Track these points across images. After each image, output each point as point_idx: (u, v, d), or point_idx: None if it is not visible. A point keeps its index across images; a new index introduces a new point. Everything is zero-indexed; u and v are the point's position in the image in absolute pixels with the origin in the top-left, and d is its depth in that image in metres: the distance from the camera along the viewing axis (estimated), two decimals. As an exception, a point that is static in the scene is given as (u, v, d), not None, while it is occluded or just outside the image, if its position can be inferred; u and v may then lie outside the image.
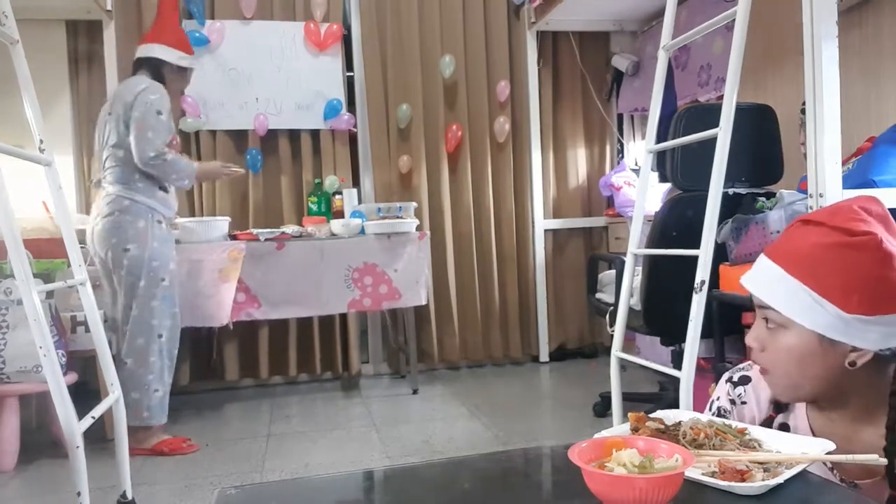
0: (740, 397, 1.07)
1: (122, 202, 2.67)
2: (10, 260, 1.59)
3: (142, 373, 2.69)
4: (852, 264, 0.87)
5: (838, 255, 0.88)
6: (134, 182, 2.69)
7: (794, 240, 0.94)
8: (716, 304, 2.19)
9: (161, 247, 2.71)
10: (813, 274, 0.89)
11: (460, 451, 2.66)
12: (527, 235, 4.19)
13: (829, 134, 1.80)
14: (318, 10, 3.82)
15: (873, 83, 2.59)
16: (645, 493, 0.68)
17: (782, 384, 0.96)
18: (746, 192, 2.41)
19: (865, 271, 0.87)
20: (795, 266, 0.91)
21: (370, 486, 0.93)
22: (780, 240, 0.97)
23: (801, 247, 0.92)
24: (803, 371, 0.92)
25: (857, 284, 0.87)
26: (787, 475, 0.77)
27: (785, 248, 0.94)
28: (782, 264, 0.92)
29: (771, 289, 0.93)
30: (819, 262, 0.89)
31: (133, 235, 2.66)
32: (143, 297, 2.69)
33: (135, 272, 2.67)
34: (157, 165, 2.64)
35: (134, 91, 2.66)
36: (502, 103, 4.09)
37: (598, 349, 4.32)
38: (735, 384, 1.08)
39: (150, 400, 2.69)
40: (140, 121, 2.62)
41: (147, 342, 2.70)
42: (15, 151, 1.74)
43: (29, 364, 2.52)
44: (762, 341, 0.96)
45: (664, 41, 2.07)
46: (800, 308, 0.90)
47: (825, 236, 0.90)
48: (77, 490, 1.66)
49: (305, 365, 3.84)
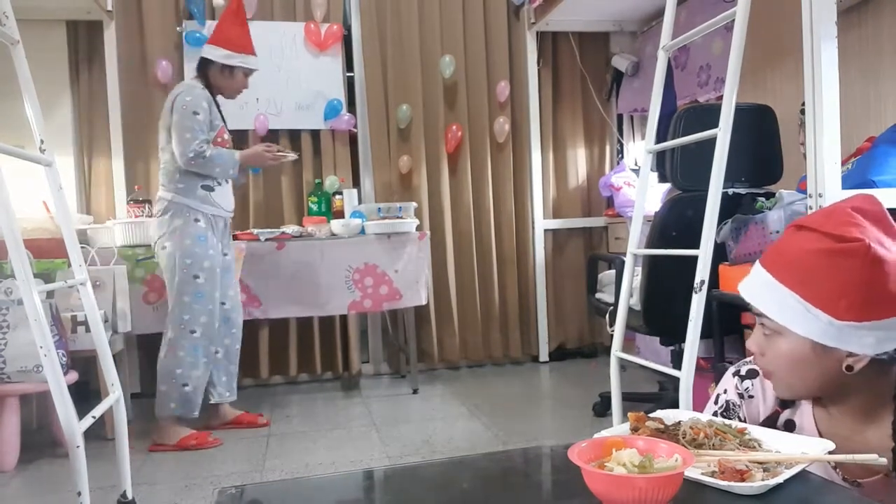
0: (748, 391, 1.07)
1: (163, 203, 2.81)
2: (11, 260, 1.59)
3: (171, 366, 2.76)
4: (841, 271, 0.87)
5: (827, 262, 0.88)
6: (174, 182, 2.79)
7: (785, 247, 0.94)
8: (715, 304, 2.19)
9: (195, 245, 2.76)
10: (802, 281, 0.89)
11: (460, 450, 2.66)
12: (527, 235, 4.19)
13: (829, 134, 1.80)
14: (318, 10, 3.82)
15: (873, 83, 2.59)
16: (645, 492, 0.68)
17: (783, 385, 0.98)
18: (746, 192, 2.41)
19: (855, 278, 0.86)
20: (786, 274, 0.91)
21: (370, 486, 0.93)
22: (774, 247, 0.98)
23: (792, 254, 0.92)
24: (800, 375, 0.94)
25: (846, 291, 0.87)
26: (786, 475, 0.77)
27: (776, 255, 0.95)
28: (773, 272, 0.93)
29: (763, 296, 0.94)
30: (808, 269, 0.89)
31: (169, 233, 2.77)
32: (177, 292, 2.77)
33: (169, 268, 2.78)
34: (199, 164, 2.73)
35: (172, 96, 2.79)
36: (502, 103, 4.09)
37: (597, 349, 4.32)
38: (743, 377, 1.08)
39: (178, 393, 2.75)
40: (178, 124, 2.72)
41: (177, 337, 2.77)
42: (15, 151, 1.74)
43: (29, 364, 2.52)
44: (761, 346, 0.97)
45: (664, 41, 2.08)
46: (791, 315, 0.90)
47: (815, 242, 0.89)
48: (77, 490, 1.66)
49: (306, 365, 3.84)
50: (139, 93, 3.68)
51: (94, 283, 2.85)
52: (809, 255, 0.90)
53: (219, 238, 2.89)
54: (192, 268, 2.76)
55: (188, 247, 2.76)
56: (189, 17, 3.69)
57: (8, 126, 3.17)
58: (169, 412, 2.76)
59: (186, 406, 2.77)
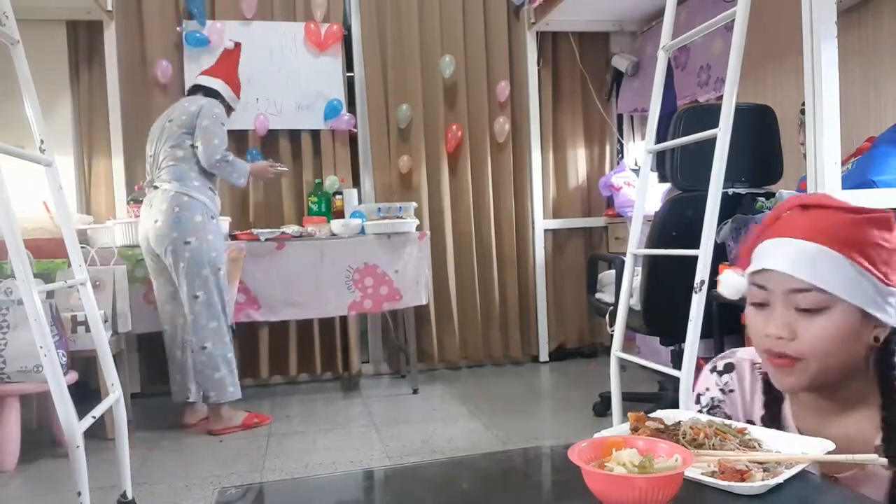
0: (727, 385, 1.07)
1: (181, 198, 2.89)
2: (11, 260, 1.59)
3: (223, 351, 2.93)
4: (882, 238, 0.90)
5: (866, 229, 0.90)
6: (190, 180, 2.93)
7: (815, 220, 0.93)
8: (715, 304, 2.19)
9: (215, 239, 2.96)
10: (854, 247, 0.90)
11: (460, 450, 2.66)
12: (527, 235, 4.19)
13: (829, 134, 1.80)
14: (318, 10, 3.82)
15: (872, 83, 2.59)
16: (645, 492, 0.68)
17: (814, 370, 0.91)
18: (746, 192, 2.41)
19: (893, 244, 0.90)
20: (835, 242, 0.90)
21: (370, 486, 0.93)
22: (794, 223, 0.94)
23: (827, 225, 0.91)
24: (845, 350, 0.90)
25: (888, 257, 0.90)
26: (786, 475, 0.77)
27: (811, 227, 0.92)
28: (821, 242, 0.90)
29: (813, 267, 0.90)
30: (855, 236, 0.90)
31: (192, 229, 2.88)
32: (209, 284, 2.91)
33: (198, 262, 2.89)
34: (223, 167, 2.96)
35: (198, 103, 2.99)
36: (502, 103, 4.09)
37: (597, 349, 4.32)
38: (721, 373, 1.08)
39: (232, 378, 2.95)
40: (208, 129, 2.93)
41: (220, 324, 2.94)
42: (15, 151, 1.74)
43: (29, 364, 2.52)
44: (792, 329, 0.91)
45: (664, 41, 2.08)
46: (844, 283, 0.89)
47: (841, 215, 0.91)
48: (77, 490, 1.66)
49: (306, 365, 3.84)
50: (139, 93, 3.68)
51: (94, 283, 2.86)
52: (847, 224, 0.90)
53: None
54: (217, 261, 2.93)
55: (212, 241, 2.92)
56: (189, 17, 3.69)
57: (8, 126, 3.17)
58: (229, 396, 2.94)
59: (238, 387, 2.98)
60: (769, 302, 0.94)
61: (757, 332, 0.96)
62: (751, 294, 0.97)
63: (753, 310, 0.97)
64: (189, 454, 2.73)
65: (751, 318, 0.97)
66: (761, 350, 0.95)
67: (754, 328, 0.96)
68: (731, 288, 1.01)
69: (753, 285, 0.97)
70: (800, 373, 0.92)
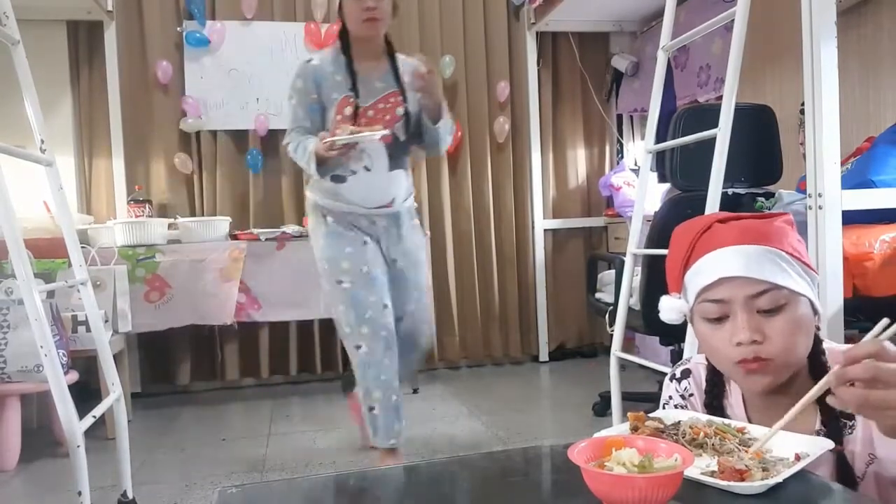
0: (686, 390, 1.10)
1: (306, 201, 2.47)
2: (12, 260, 1.60)
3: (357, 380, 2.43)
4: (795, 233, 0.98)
5: (783, 226, 0.97)
6: (309, 178, 2.42)
7: (742, 227, 0.97)
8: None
9: (328, 245, 2.32)
10: (784, 243, 0.95)
11: (460, 450, 2.66)
12: (526, 235, 4.19)
13: (828, 134, 1.80)
14: (318, 10, 3.82)
15: (872, 83, 2.59)
16: (644, 492, 0.68)
17: (783, 366, 0.93)
18: (745, 192, 2.41)
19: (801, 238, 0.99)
20: (771, 240, 0.95)
21: (370, 486, 0.93)
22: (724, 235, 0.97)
23: (766, 230, 0.96)
24: (806, 343, 0.95)
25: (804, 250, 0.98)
26: (786, 474, 0.77)
27: (743, 233, 0.96)
28: (760, 242, 0.94)
29: (763, 266, 0.93)
30: (780, 233, 0.96)
31: (311, 235, 2.44)
32: (329, 302, 2.42)
33: (320, 273, 2.39)
34: (291, 156, 2.34)
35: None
36: (502, 103, 4.10)
37: (597, 349, 4.32)
38: (679, 379, 1.12)
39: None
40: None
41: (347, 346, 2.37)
42: (16, 151, 1.75)
43: (30, 363, 2.52)
44: (761, 330, 0.93)
45: (663, 41, 2.08)
46: (798, 278, 0.94)
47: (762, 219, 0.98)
48: (78, 489, 1.66)
49: (306, 364, 3.84)
50: (139, 93, 3.68)
51: (95, 282, 2.86)
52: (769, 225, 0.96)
53: (374, 239, 2.37)
54: (331, 272, 2.30)
55: (322, 247, 2.34)
56: (189, 18, 3.69)
57: (8, 126, 3.17)
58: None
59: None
60: (728, 313, 0.95)
61: (722, 345, 0.96)
62: (704, 312, 0.98)
63: (710, 326, 0.97)
64: (189, 454, 2.74)
65: (709, 336, 0.98)
66: (731, 362, 0.95)
67: (717, 343, 0.96)
68: (672, 311, 1.05)
69: (706, 302, 0.97)
70: (773, 372, 0.94)
